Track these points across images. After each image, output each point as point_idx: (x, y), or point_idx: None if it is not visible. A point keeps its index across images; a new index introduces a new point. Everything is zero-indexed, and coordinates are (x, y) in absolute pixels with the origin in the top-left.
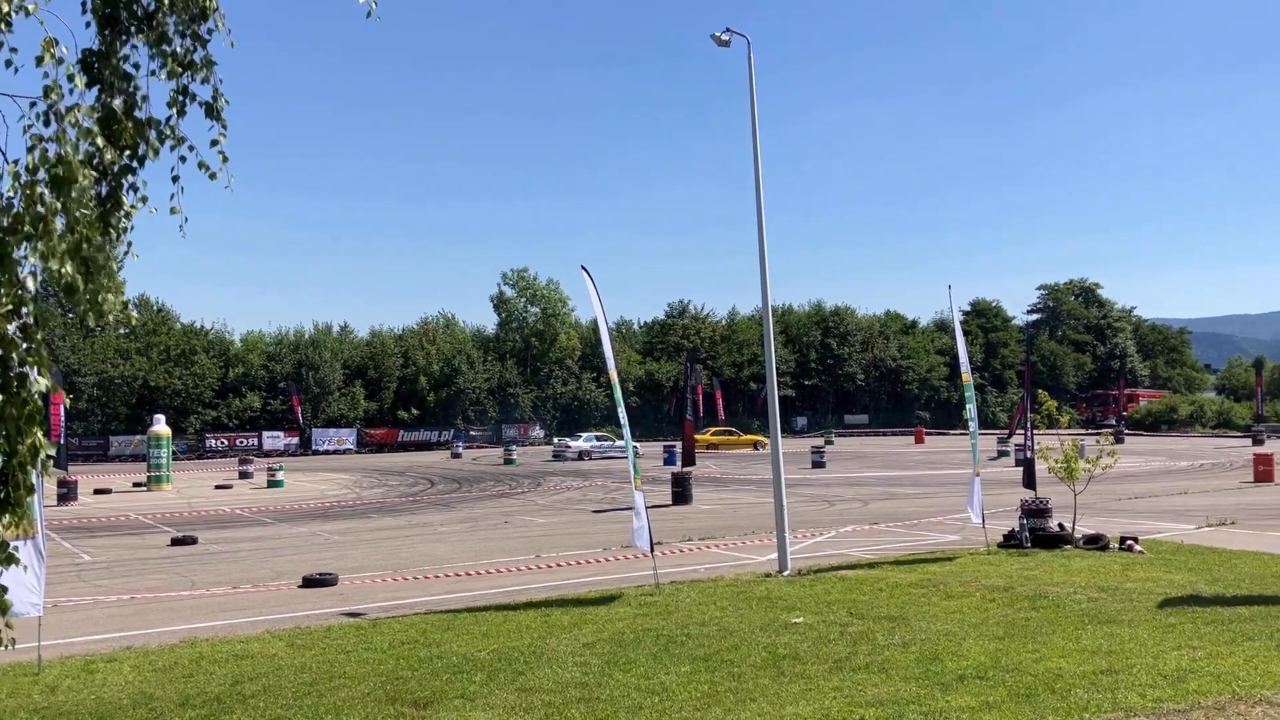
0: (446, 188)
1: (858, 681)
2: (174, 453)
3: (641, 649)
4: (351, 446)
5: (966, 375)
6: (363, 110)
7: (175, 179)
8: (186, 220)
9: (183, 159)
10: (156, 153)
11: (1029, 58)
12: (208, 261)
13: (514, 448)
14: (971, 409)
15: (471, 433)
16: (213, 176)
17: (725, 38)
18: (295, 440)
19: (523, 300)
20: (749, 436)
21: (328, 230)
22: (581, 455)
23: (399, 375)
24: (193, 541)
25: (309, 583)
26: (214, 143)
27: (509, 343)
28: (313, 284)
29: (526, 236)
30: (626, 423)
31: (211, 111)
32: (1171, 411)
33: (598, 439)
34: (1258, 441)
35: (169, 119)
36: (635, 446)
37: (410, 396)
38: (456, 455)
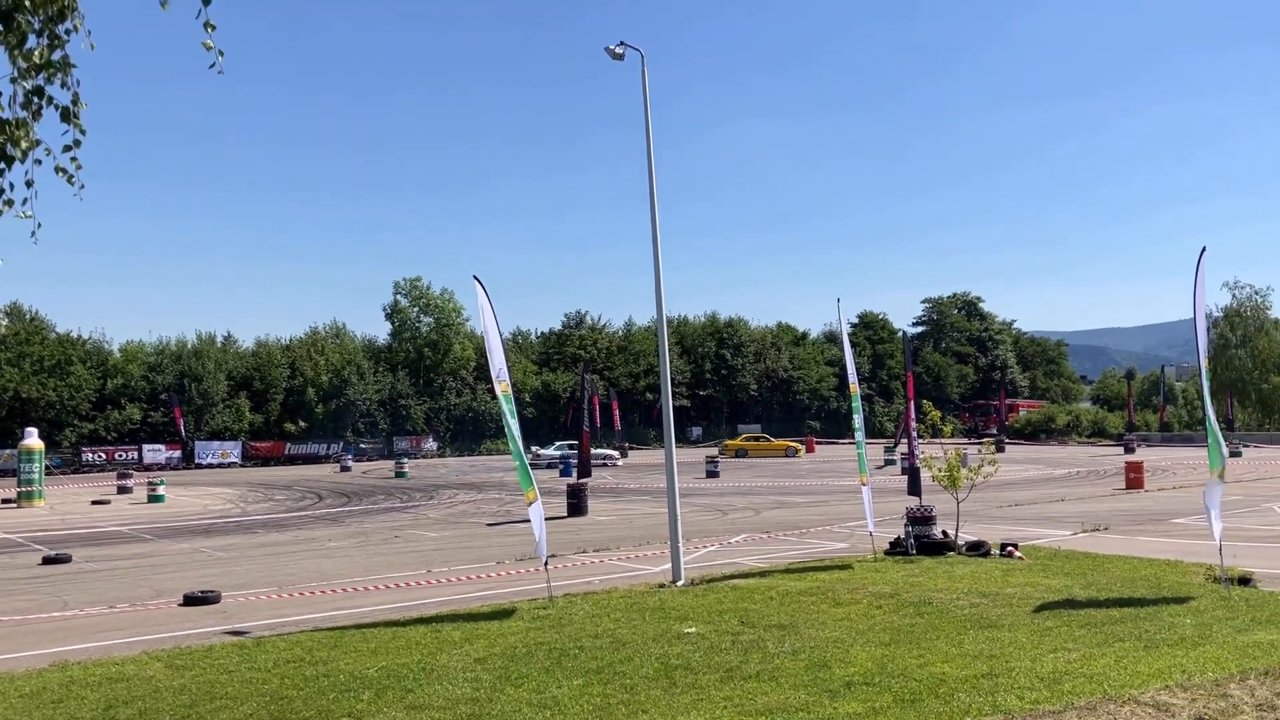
0: (339, 196)
1: (748, 690)
2: (47, 467)
3: (534, 663)
4: (236, 460)
5: (854, 386)
6: (255, 109)
7: (29, 184)
8: (40, 226)
9: (38, 162)
10: (24, 155)
11: (911, 82)
12: (84, 269)
13: (406, 460)
14: (859, 419)
15: (361, 445)
16: (70, 180)
17: (620, 51)
18: (177, 454)
19: (416, 310)
20: (780, 442)
21: (212, 237)
22: (551, 464)
23: (286, 386)
24: (66, 560)
25: (190, 601)
26: (67, 148)
27: (401, 353)
28: (196, 292)
29: (422, 246)
30: (517, 435)
31: (68, 116)
32: (1049, 421)
33: (569, 448)
34: (1129, 450)
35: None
36: (613, 454)
37: (298, 408)
38: (346, 468)
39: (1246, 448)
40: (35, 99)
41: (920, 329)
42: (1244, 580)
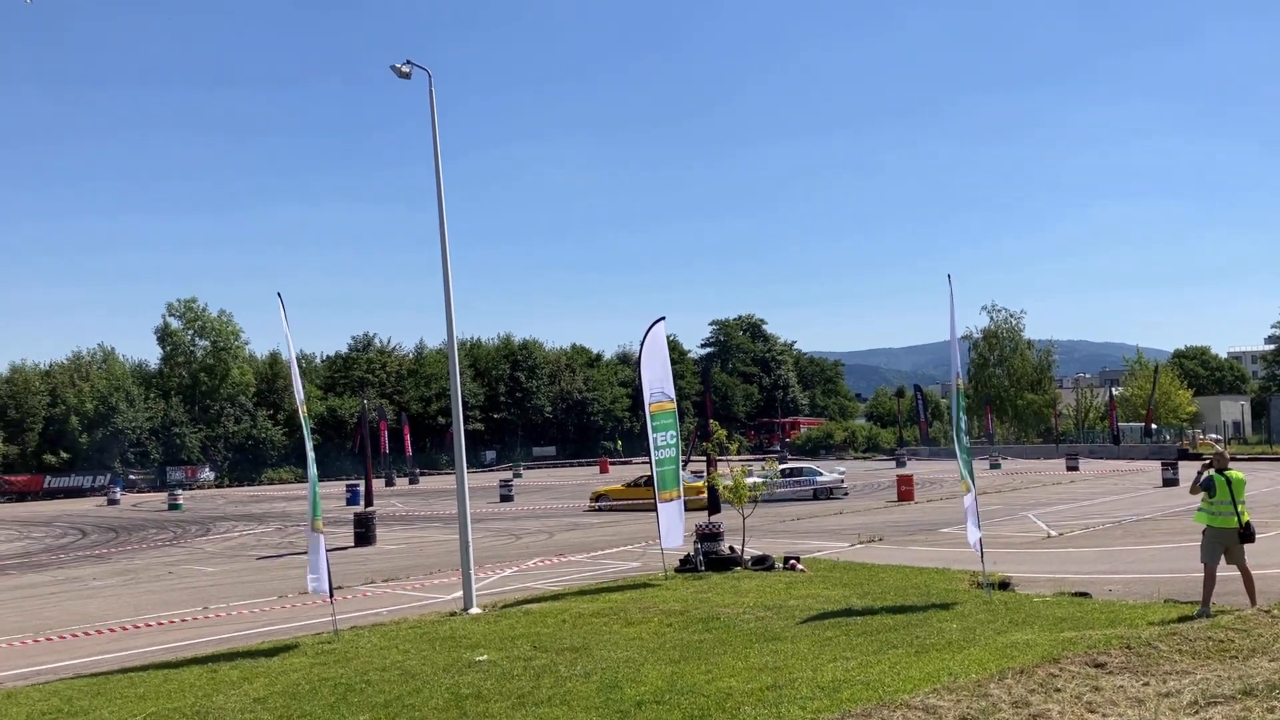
0: (108, 206)
1: (540, 715)
2: None
3: (318, 700)
4: None
5: (670, 404)
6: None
7: None
8: None
9: None
10: None
11: (703, 107)
12: None
13: (180, 491)
14: (667, 436)
15: (131, 477)
16: None
17: (406, 70)
18: None
19: (190, 333)
20: None
21: None
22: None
23: (45, 415)
24: None
25: None
26: None
27: (175, 378)
28: None
29: (195, 265)
30: (313, 460)
31: None
32: (828, 437)
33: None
34: (900, 464)
35: None
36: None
37: (59, 438)
38: (114, 502)
39: (1005, 460)
40: None
41: (708, 350)
42: (1004, 585)
